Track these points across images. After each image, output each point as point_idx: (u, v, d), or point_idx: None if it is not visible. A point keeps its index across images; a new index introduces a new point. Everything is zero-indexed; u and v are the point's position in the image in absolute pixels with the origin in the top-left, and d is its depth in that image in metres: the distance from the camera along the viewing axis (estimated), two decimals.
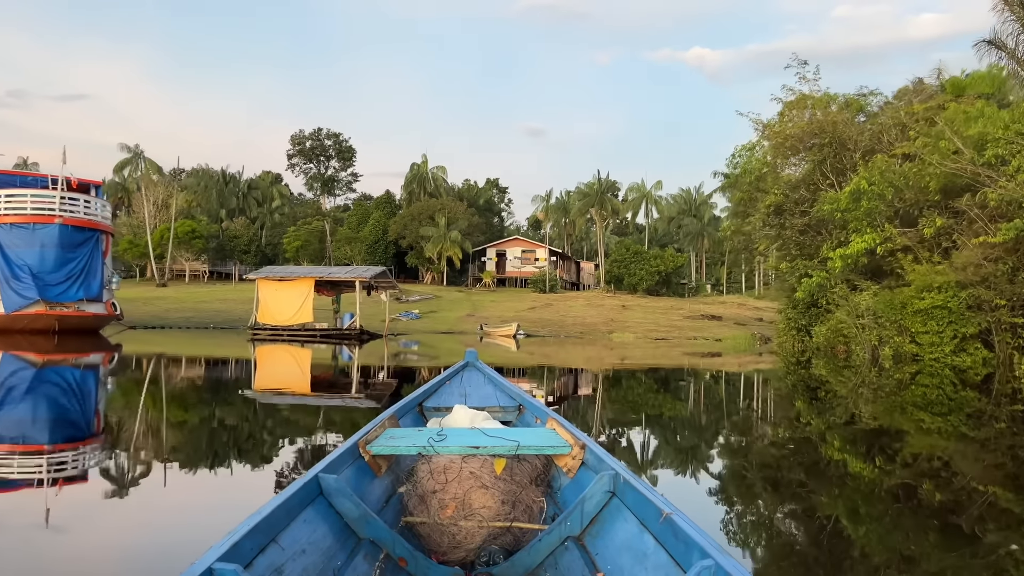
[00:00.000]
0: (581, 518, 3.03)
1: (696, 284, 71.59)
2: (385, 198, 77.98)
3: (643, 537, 2.68)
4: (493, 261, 72.46)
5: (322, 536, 2.75)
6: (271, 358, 24.37)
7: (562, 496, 3.65)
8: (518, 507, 3.47)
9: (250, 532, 2.28)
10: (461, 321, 49.11)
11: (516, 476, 3.58)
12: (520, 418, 5.23)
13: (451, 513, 3.39)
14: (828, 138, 31.53)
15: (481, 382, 6.22)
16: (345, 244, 69.69)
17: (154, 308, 50.76)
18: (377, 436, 3.66)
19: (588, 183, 69.86)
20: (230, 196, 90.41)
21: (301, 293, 32.64)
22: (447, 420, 4.52)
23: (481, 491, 3.45)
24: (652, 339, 42.99)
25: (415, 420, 5.06)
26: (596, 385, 17.14)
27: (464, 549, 3.31)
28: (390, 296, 37.91)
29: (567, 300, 58.98)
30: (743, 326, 49.81)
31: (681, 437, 9.09)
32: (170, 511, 5.17)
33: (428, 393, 5.60)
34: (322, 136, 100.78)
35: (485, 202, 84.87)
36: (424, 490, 3.49)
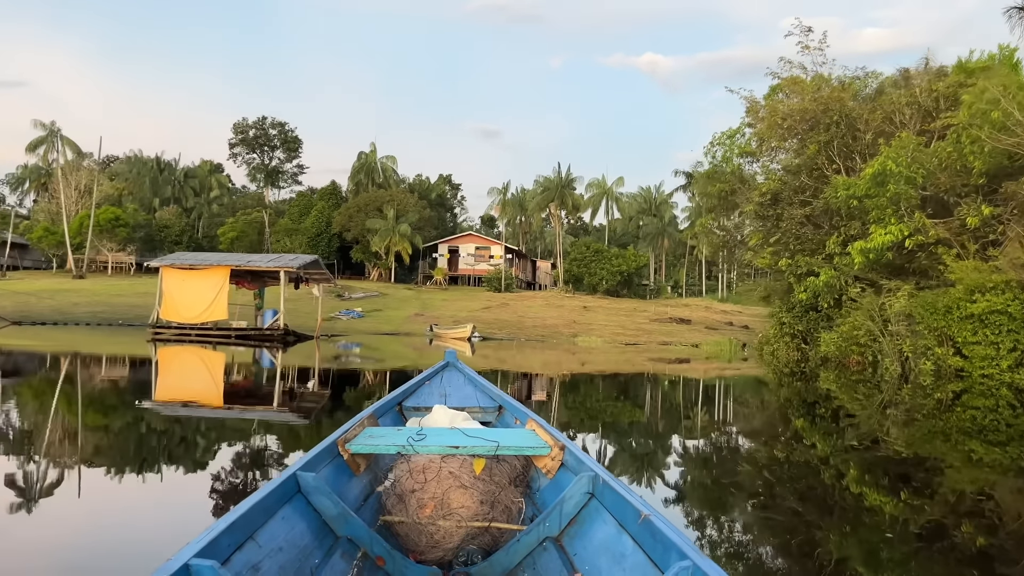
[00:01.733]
0: (560, 519, 2.97)
1: (657, 286, 67.01)
2: (330, 189, 71.81)
3: (621, 538, 2.63)
4: (445, 258, 66.88)
5: (300, 534, 2.69)
6: (175, 362, 20.31)
7: (541, 497, 3.58)
8: (497, 507, 3.38)
9: (227, 529, 2.24)
10: (409, 321, 43.53)
11: (495, 476, 3.49)
12: (500, 419, 5.09)
13: (429, 512, 3.31)
14: (836, 116, 26.84)
15: (461, 383, 5.93)
16: (285, 236, 63.50)
17: (59, 302, 44.22)
18: (356, 435, 3.61)
19: (547, 177, 64.72)
20: (164, 185, 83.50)
21: (214, 285, 26.84)
22: (427, 420, 4.39)
23: (460, 491, 3.35)
24: (621, 344, 38.02)
25: (394, 419, 4.91)
26: (569, 400, 14.18)
27: (442, 549, 3.22)
28: (323, 290, 32.17)
29: (524, 300, 53.80)
30: (715, 331, 45.22)
31: (675, 458, 8.08)
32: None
33: (408, 393, 5.41)
34: (266, 125, 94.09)
35: (437, 197, 79.24)
36: (403, 489, 3.41)
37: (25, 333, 28.81)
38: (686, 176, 75.21)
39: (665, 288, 68.04)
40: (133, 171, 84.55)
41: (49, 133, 62.48)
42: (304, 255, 31.44)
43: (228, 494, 5.53)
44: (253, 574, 2.33)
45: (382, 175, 72.71)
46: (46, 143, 62.63)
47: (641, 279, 64.33)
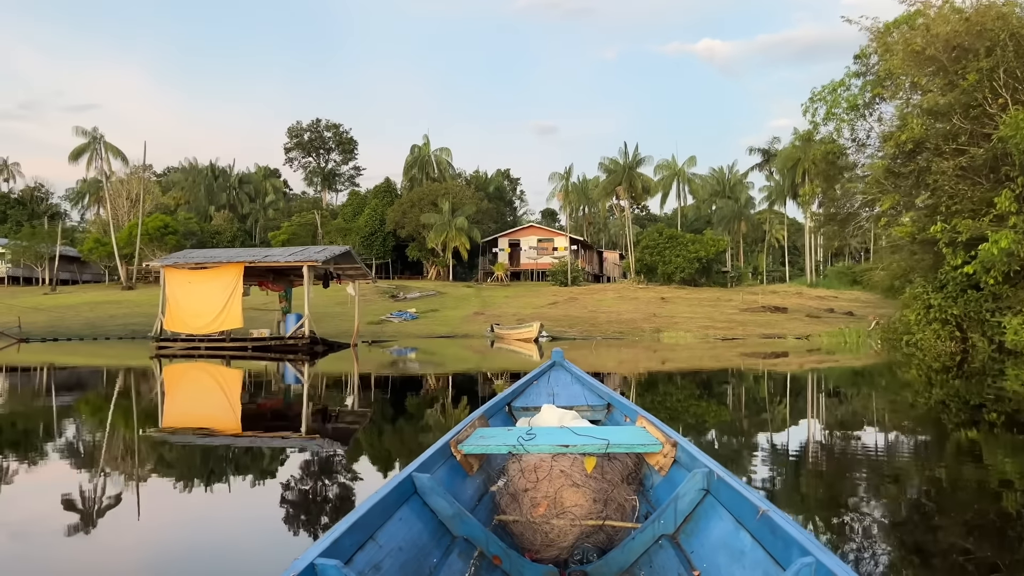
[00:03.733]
0: (675, 516, 2.85)
1: (738, 272, 59.89)
2: (384, 186, 66.73)
3: (739, 535, 2.50)
4: (505, 252, 61.10)
5: (417, 534, 2.66)
6: (180, 382, 16.18)
7: (655, 494, 3.44)
8: (610, 505, 3.24)
9: (349, 529, 2.23)
10: (467, 321, 37.86)
11: (607, 474, 3.35)
12: (609, 416, 4.94)
13: (543, 511, 3.20)
14: (1001, 35, 20.13)
15: (568, 381, 5.81)
16: (338, 236, 58.53)
17: (96, 315, 40.08)
18: (468, 436, 3.56)
19: (612, 159, 58.13)
20: (219, 192, 79.96)
21: (224, 287, 21.58)
22: (536, 419, 4.23)
23: (572, 489, 3.24)
24: (715, 339, 31.62)
25: (504, 420, 4.80)
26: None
27: (557, 547, 3.12)
28: (358, 288, 26.52)
29: (594, 293, 47.69)
30: (816, 319, 38.41)
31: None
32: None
33: (516, 393, 5.28)
34: (321, 127, 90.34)
35: (495, 190, 73.53)
36: (516, 488, 3.30)
37: (23, 351, 24.09)
38: (762, 154, 68.10)
39: (746, 274, 60.88)
40: (188, 179, 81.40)
41: (92, 140, 58.73)
42: (333, 246, 25.97)
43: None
44: (375, 573, 2.29)
45: (436, 169, 67.30)
46: (89, 150, 58.85)
47: (720, 266, 57.46)
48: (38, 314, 42.10)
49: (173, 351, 21.63)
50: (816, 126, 31.26)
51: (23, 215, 73.54)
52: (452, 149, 71.63)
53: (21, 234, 59.33)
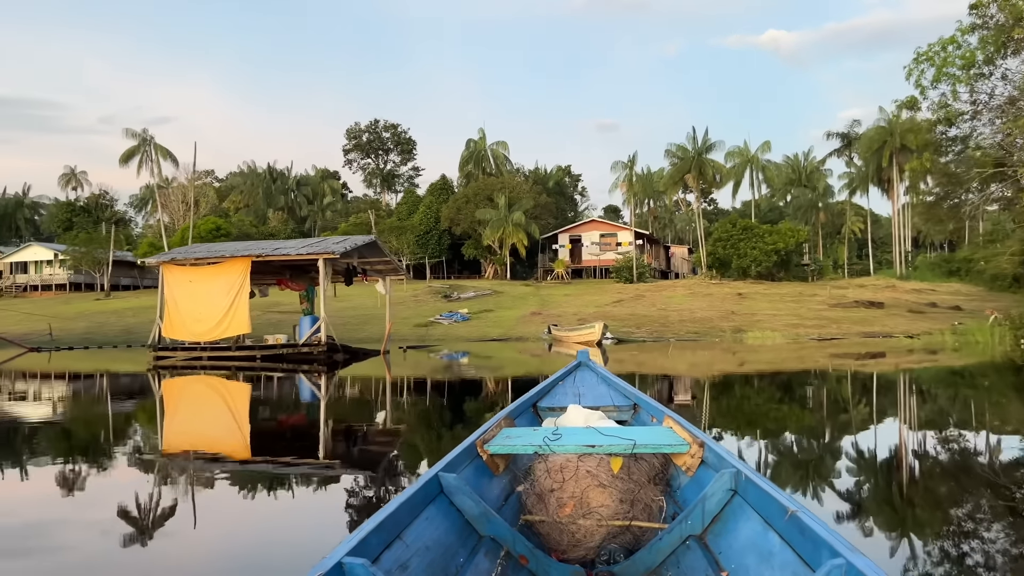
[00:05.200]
0: (703, 516, 2.78)
1: (819, 265, 54.33)
2: (440, 183, 63.23)
3: (768, 535, 2.43)
4: (566, 249, 56.85)
5: (444, 533, 2.61)
6: (185, 398, 13.37)
7: (682, 495, 3.33)
8: (637, 506, 3.17)
9: (376, 528, 2.19)
10: (522, 322, 33.85)
11: (634, 475, 3.26)
12: (636, 417, 4.81)
13: (569, 511, 3.13)
14: None
15: (594, 382, 5.70)
16: (391, 235, 55.25)
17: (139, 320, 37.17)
18: (494, 436, 3.48)
19: (680, 146, 53.16)
20: (278, 195, 77.86)
21: (229, 286, 18.07)
22: (562, 420, 4.10)
23: (599, 490, 3.17)
24: (810, 339, 26.94)
25: (530, 420, 4.71)
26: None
27: (584, 547, 3.06)
28: (388, 285, 22.59)
29: (662, 290, 43.16)
30: (919, 314, 33.22)
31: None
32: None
33: (542, 393, 5.14)
34: (379, 128, 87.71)
35: (555, 185, 69.30)
36: (542, 488, 3.23)
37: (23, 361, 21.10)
38: (841, 138, 62.25)
39: (827, 267, 55.23)
40: (247, 183, 79.68)
41: (141, 142, 56.75)
42: (355, 236, 22.25)
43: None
44: (401, 572, 2.25)
45: (493, 163, 63.51)
46: (139, 152, 56.89)
47: (800, 258, 52.10)
48: (80, 321, 39.94)
49: (173, 362, 18.23)
50: (923, 90, 26.42)
51: (88, 222, 72.74)
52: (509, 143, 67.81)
53: (78, 240, 57.81)
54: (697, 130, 57.36)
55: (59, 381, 16.13)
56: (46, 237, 75.04)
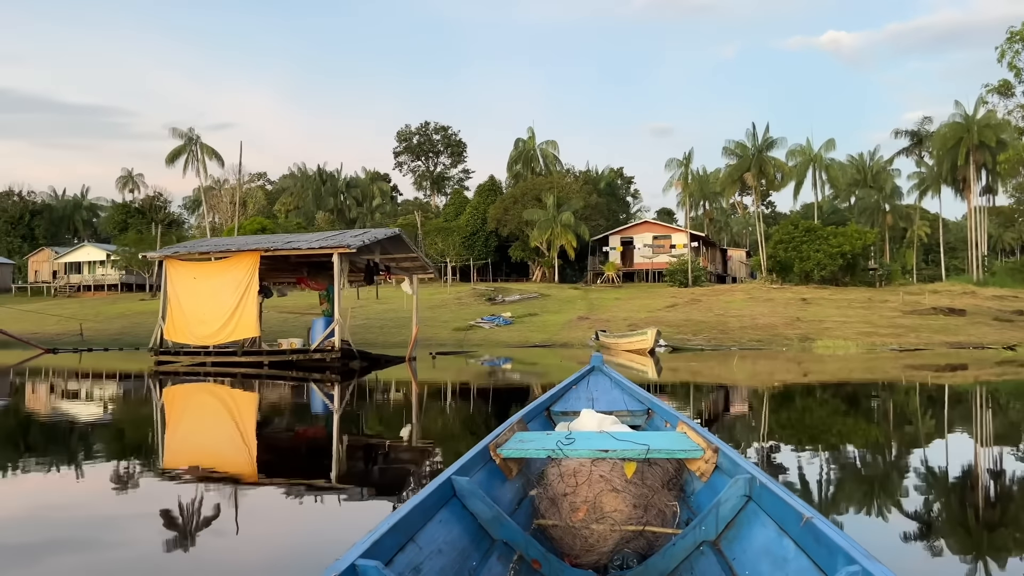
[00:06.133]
0: (716, 522, 2.73)
1: (887, 269, 50.50)
2: (488, 184, 61.10)
3: (782, 542, 2.39)
4: (617, 251, 54.12)
5: (457, 536, 2.60)
6: (188, 408, 11.77)
7: (696, 500, 3.28)
8: (650, 511, 3.13)
9: (390, 531, 2.17)
10: (568, 327, 31.36)
11: (647, 480, 3.24)
12: (649, 422, 4.73)
13: (582, 516, 3.10)
14: None
15: (608, 386, 5.52)
16: (437, 236, 53.29)
17: None
18: (507, 439, 3.40)
19: (738, 143, 49.90)
20: (327, 196, 76.77)
21: (237, 283, 16.10)
22: (575, 424, 4.05)
23: (612, 494, 3.13)
24: (889, 349, 23.92)
25: (543, 424, 4.61)
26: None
27: (597, 552, 3.02)
28: (415, 285, 20.25)
29: (720, 294, 40.19)
30: (1008, 323, 29.79)
31: None
32: None
33: (555, 397, 5.06)
34: (429, 130, 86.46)
35: (607, 186, 66.56)
36: (555, 493, 3.20)
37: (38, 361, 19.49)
38: (910, 136, 58.26)
39: (896, 272, 51.31)
40: (297, 185, 78.89)
41: (187, 141, 55.89)
42: (376, 229, 20.14)
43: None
44: (415, 575, 2.24)
45: (542, 163, 61.10)
46: (186, 152, 56.04)
47: (867, 262, 48.42)
48: (118, 321, 38.84)
49: (176, 367, 16.29)
50: (1018, 72, 23.31)
51: (142, 223, 72.66)
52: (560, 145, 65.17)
53: (127, 240, 57.30)
54: (757, 126, 53.97)
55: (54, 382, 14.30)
56: (103, 238, 75.22)
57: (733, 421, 9.05)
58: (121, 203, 77.92)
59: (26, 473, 6.03)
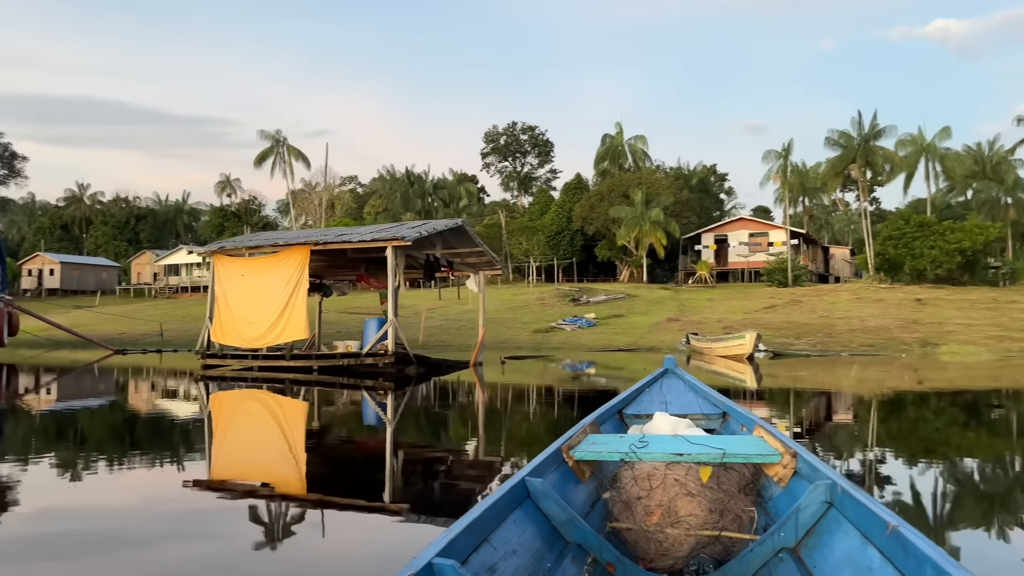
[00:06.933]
0: (796, 529, 2.63)
1: (1011, 268, 45.64)
2: (575, 182, 59.06)
3: (866, 551, 2.27)
4: (710, 250, 51.09)
5: (531, 538, 2.57)
6: (234, 417, 10.36)
7: (774, 506, 3.16)
8: (726, 516, 3.01)
9: (464, 530, 2.16)
10: (656, 329, 29.01)
11: (723, 484, 3.10)
12: (725, 426, 4.60)
13: (657, 520, 3.02)
14: None
15: (682, 389, 5.33)
16: (521, 235, 51.60)
17: None
18: (579, 442, 3.35)
19: (843, 132, 45.99)
20: (415, 198, 76.45)
21: (286, 280, 14.72)
22: (648, 427, 3.93)
23: (687, 499, 3.02)
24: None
25: (615, 427, 4.55)
26: None
27: (672, 557, 2.95)
28: (482, 282, 18.35)
29: (823, 295, 36.89)
30: None
31: None
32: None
33: (628, 400, 4.92)
34: (517, 130, 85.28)
35: (699, 182, 63.43)
36: (628, 496, 3.12)
37: (109, 362, 18.75)
38: None
39: (1022, 270, 46.30)
40: (386, 187, 78.98)
41: (275, 143, 56.07)
42: (435, 220, 18.34)
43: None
44: (489, 575, 2.23)
45: (630, 159, 58.52)
46: (273, 154, 56.25)
47: (988, 260, 43.84)
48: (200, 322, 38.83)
49: (223, 371, 15.01)
50: None
51: (238, 226, 74.02)
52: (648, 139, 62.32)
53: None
54: (864, 114, 49.84)
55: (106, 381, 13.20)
56: (201, 241, 77.08)
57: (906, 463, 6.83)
58: (218, 207, 79.76)
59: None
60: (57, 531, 4.13)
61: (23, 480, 5.58)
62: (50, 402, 11.71)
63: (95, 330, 33.30)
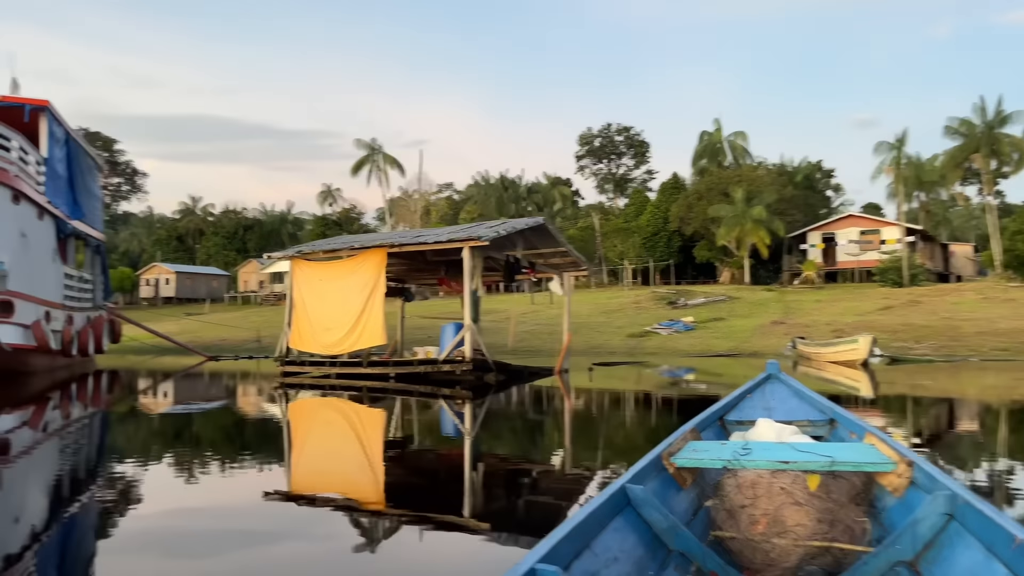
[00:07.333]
0: (913, 541, 2.51)
1: None
2: (672, 182, 57.20)
3: (991, 565, 2.13)
4: (817, 248, 48.32)
5: (633, 545, 2.53)
6: (311, 427, 9.81)
7: (888, 517, 2.99)
8: (836, 527, 2.85)
9: (566, 537, 2.12)
10: (760, 333, 27.24)
11: (832, 494, 2.94)
12: (833, 433, 4.32)
13: (762, 529, 2.90)
14: None
15: (786, 395, 4.95)
16: (616, 238, 50.25)
17: None
18: (680, 448, 3.24)
19: (964, 120, 42.47)
20: (509, 203, 76.18)
21: (363, 285, 14.20)
22: (751, 434, 3.82)
23: (794, 508, 2.89)
24: None
25: (717, 433, 4.35)
26: None
27: (778, 568, 2.84)
28: (567, 284, 17.20)
29: (944, 295, 33.97)
30: None
31: None
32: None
33: (729, 406, 4.66)
34: (611, 131, 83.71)
35: (804, 179, 60.29)
36: (732, 504, 3.01)
37: (201, 368, 18.89)
38: None
39: None
40: (481, 193, 79.09)
41: (371, 152, 56.74)
42: (516, 219, 17.40)
43: None
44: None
45: (730, 155, 56.15)
46: (369, 162, 56.95)
47: None
48: None
49: (301, 379, 14.61)
50: None
51: (339, 235, 75.73)
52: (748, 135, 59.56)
53: None
54: (987, 100, 45.94)
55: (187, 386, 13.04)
56: None
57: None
58: (320, 216, 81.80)
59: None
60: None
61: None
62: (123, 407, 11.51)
63: (199, 337, 34.21)
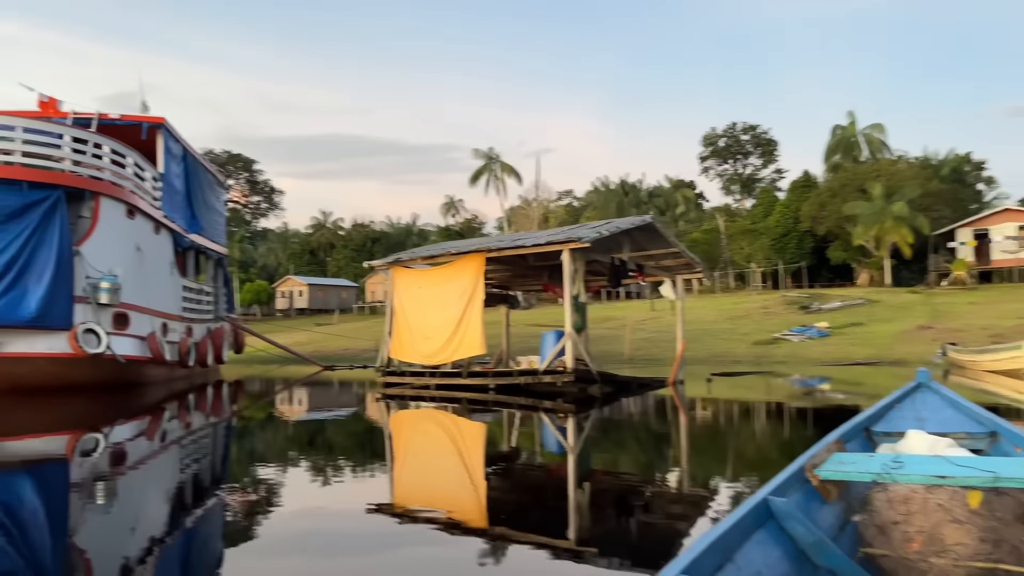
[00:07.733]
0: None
1: None
2: (802, 180, 53.99)
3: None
4: (968, 246, 44.00)
5: (776, 560, 2.40)
6: (412, 445, 9.04)
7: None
8: (1002, 547, 2.65)
9: (707, 549, 2.07)
10: (903, 339, 24.72)
11: (996, 511, 2.71)
12: (994, 446, 4.01)
13: (918, 548, 2.74)
14: None
15: (939, 405, 4.61)
16: (743, 239, 47.81)
17: None
18: (824, 460, 3.07)
19: None
20: (629, 207, 74.67)
21: (461, 291, 13.58)
22: (900, 446, 3.57)
23: (953, 526, 2.70)
24: None
25: (862, 445, 4.17)
26: None
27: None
28: (679, 288, 15.75)
29: None
30: None
31: None
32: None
33: (876, 417, 4.42)
34: (736, 130, 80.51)
35: (951, 172, 55.44)
36: (883, 520, 2.86)
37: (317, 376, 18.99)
38: None
39: None
40: (601, 199, 77.95)
41: (488, 161, 56.83)
42: (621, 219, 16.09)
43: None
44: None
45: (865, 149, 52.34)
46: (487, 171, 57.06)
47: None
48: None
49: (401, 390, 14.13)
50: None
51: None
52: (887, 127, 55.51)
53: None
54: None
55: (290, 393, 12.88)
56: None
57: None
58: (443, 227, 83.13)
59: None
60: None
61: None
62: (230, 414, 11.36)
63: (324, 347, 34.95)
